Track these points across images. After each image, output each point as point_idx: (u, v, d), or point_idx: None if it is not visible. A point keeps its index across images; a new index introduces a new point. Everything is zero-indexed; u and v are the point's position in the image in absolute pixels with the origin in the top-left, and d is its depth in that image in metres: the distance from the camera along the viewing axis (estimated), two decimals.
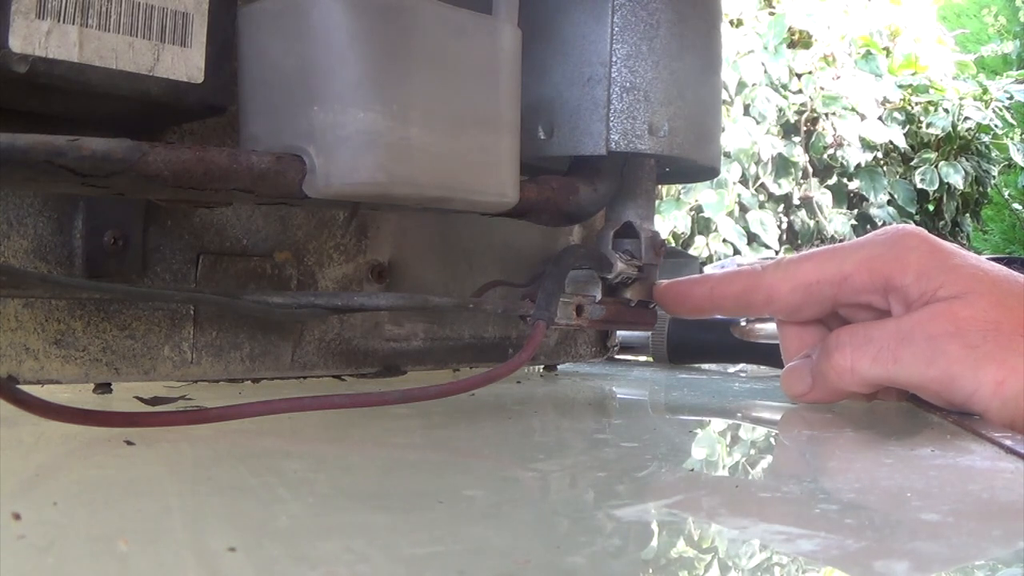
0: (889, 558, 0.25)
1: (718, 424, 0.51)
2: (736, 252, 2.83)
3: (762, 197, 3.07)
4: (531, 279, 0.55)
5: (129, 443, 0.35)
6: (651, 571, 0.24)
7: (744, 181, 3.02)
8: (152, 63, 0.37)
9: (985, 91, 3.42)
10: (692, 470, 0.38)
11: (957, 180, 3.29)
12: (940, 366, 0.42)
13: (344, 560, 0.23)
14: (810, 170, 3.15)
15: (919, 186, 3.32)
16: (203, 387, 0.49)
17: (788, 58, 3.14)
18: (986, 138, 3.45)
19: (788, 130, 3.14)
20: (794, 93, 3.14)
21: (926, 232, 0.46)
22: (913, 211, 3.33)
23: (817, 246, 3.06)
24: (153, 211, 0.45)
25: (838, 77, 3.18)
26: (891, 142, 3.24)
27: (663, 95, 0.50)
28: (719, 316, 0.53)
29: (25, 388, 0.33)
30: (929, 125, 3.35)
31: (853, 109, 3.14)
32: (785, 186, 3.08)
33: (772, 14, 3.20)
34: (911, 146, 3.36)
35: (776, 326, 0.52)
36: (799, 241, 3.10)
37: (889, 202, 3.28)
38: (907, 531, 0.28)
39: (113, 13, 0.36)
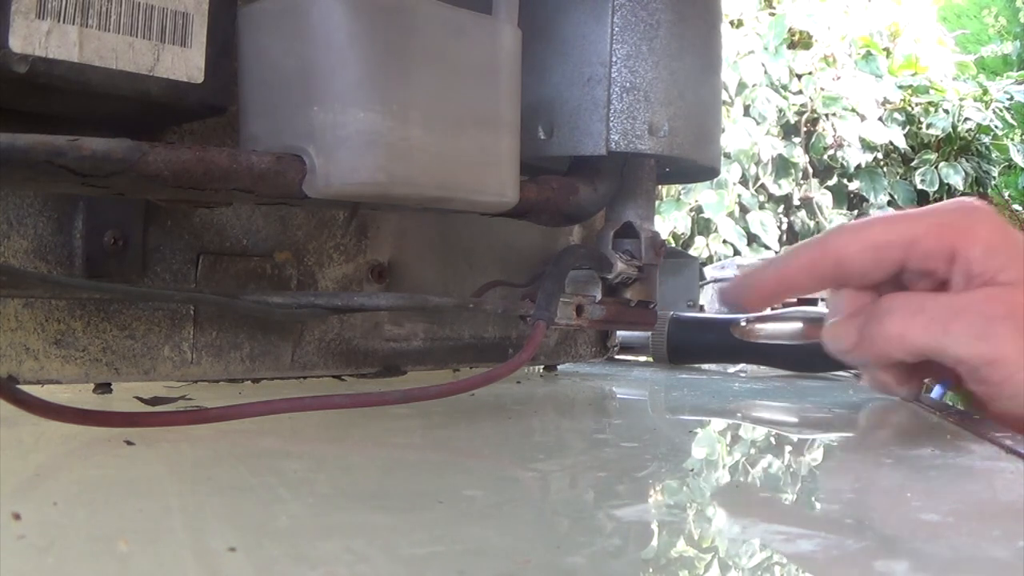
0: (889, 558, 0.25)
1: (718, 424, 0.51)
2: (736, 253, 2.83)
3: (762, 198, 3.07)
4: (531, 279, 0.55)
5: (129, 443, 0.35)
6: (651, 571, 0.24)
7: (744, 182, 3.02)
8: (152, 63, 0.37)
9: (985, 92, 3.42)
10: (692, 470, 0.38)
11: (957, 181, 3.29)
12: (991, 343, 0.42)
13: (344, 560, 0.23)
14: (810, 171, 3.15)
15: (919, 187, 3.32)
16: (203, 387, 0.49)
17: (788, 59, 3.14)
18: (986, 139, 3.44)
19: (788, 131, 3.14)
20: (794, 94, 3.14)
21: (993, 210, 0.46)
22: None
23: None
24: (153, 211, 0.45)
25: (838, 78, 3.18)
26: (891, 143, 3.24)
27: (663, 95, 0.50)
28: (790, 298, 0.51)
29: (25, 388, 0.33)
30: (929, 126, 3.35)
31: (853, 110, 3.14)
32: (785, 187, 3.08)
33: (772, 15, 3.20)
34: (911, 147, 3.36)
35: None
36: (799, 242, 3.10)
37: (889, 203, 3.28)
38: (907, 531, 0.28)
39: (113, 13, 0.36)
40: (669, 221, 2.88)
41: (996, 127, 3.42)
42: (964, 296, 0.44)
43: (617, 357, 0.77)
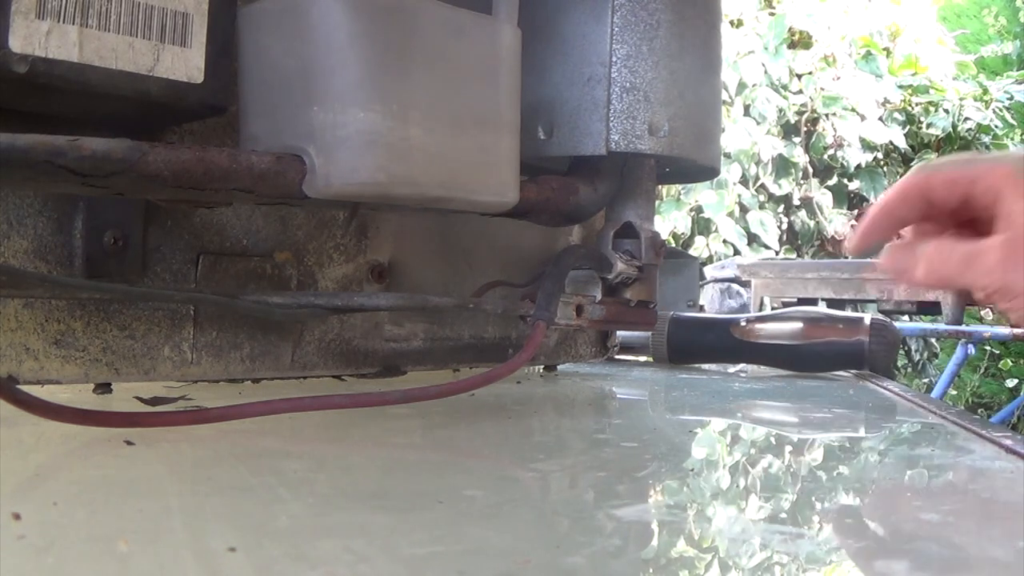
0: (889, 558, 0.25)
1: (718, 424, 0.51)
2: (736, 253, 2.83)
3: (762, 197, 3.07)
4: (531, 279, 0.55)
5: (129, 443, 0.35)
6: (651, 571, 0.24)
7: (744, 181, 3.02)
8: (152, 63, 0.37)
9: (985, 91, 3.42)
10: (692, 470, 0.38)
11: None
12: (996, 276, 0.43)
13: (344, 560, 0.23)
14: (810, 170, 3.15)
15: None
16: (203, 387, 0.49)
17: (788, 58, 3.14)
18: (986, 139, 3.44)
19: (788, 130, 3.14)
20: (794, 94, 3.14)
21: None
22: None
23: (817, 247, 3.05)
24: (153, 211, 0.45)
25: (838, 78, 3.18)
26: (891, 143, 3.24)
27: (663, 95, 0.50)
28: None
29: (25, 388, 0.33)
30: (929, 126, 3.35)
31: (853, 110, 3.14)
32: (785, 186, 3.08)
33: (772, 14, 3.20)
34: (911, 146, 3.36)
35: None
36: (799, 242, 3.10)
37: None
38: (907, 531, 0.28)
39: (113, 13, 0.36)
40: (669, 221, 2.88)
41: (996, 127, 3.42)
42: (984, 242, 0.44)
43: (617, 357, 0.77)
